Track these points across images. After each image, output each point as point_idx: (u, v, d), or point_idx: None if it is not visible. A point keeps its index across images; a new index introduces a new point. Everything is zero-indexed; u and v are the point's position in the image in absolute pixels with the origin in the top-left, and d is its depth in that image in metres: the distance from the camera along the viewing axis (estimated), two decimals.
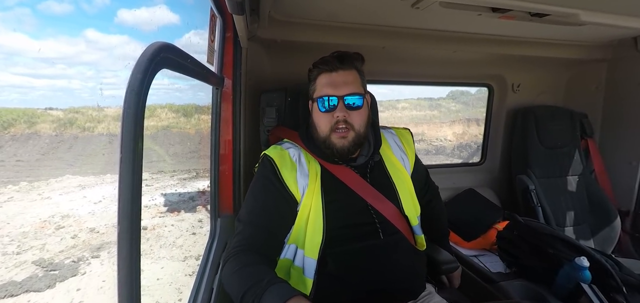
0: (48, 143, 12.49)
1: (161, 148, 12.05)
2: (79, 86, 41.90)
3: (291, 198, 1.05)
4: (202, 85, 1.12)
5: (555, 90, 2.42)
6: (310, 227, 1.04)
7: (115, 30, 59.50)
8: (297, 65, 1.77)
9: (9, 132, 13.09)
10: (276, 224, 1.04)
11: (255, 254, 0.96)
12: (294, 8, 1.42)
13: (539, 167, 2.15)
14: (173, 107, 14.93)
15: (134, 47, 52.33)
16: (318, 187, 1.07)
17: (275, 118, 1.45)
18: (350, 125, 1.06)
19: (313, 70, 1.13)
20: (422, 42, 1.73)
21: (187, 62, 0.76)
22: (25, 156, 11.54)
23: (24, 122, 13.71)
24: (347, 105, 1.06)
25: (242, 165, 1.52)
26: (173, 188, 8.03)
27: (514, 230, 1.59)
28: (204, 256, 1.26)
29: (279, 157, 1.08)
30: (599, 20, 1.38)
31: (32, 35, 52.42)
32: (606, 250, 2.01)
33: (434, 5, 1.27)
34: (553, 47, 1.96)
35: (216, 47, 1.32)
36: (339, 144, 1.07)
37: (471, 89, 19.47)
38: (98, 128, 13.68)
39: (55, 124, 13.68)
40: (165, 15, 66.06)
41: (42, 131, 13.26)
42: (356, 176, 1.12)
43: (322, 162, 1.12)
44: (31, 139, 12.77)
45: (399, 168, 1.20)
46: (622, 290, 1.19)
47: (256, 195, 1.07)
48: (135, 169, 0.50)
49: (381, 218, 1.10)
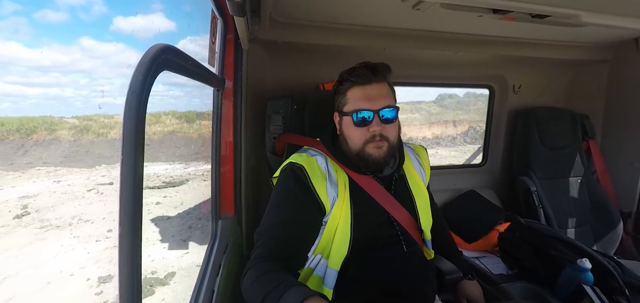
0: (67, 147, 13.59)
1: (168, 150, 13.31)
2: (72, 94, 41.88)
3: (321, 208, 1.03)
4: (196, 92, 1.12)
5: (557, 91, 2.41)
6: (337, 238, 1.03)
7: (111, 38, 59.58)
8: (299, 67, 1.78)
9: (31, 137, 14.05)
10: (301, 239, 1.02)
11: (275, 263, 0.94)
12: (295, 9, 1.42)
13: (541, 168, 2.15)
14: (176, 114, 15.95)
15: (130, 54, 52.47)
16: (347, 198, 1.06)
17: (282, 125, 1.45)
18: (385, 138, 1.05)
19: (343, 82, 1.10)
20: (423, 43, 1.73)
21: (188, 63, 0.76)
22: (50, 159, 12.48)
23: (44, 128, 14.57)
24: (383, 118, 1.05)
25: (243, 167, 1.52)
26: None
27: (516, 231, 1.58)
28: (204, 258, 1.26)
29: (308, 165, 1.06)
30: (600, 21, 1.38)
31: (27, 44, 52.51)
32: (608, 251, 2.01)
33: (435, 6, 1.27)
34: (554, 48, 1.96)
35: (217, 48, 1.32)
36: (375, 154, 1.05)
37: (459, 92, 20.44)
38: (111, 133, 14.73)
39: (73, 130, 14.71)
40: (161, 22, 66.08)
41: (62, 137, 14.25)
42: (381, 188, 1.11)
43: (349, 172, 1.10)
44: (53, 144, 13.80)
45: (418, 182, 1.21)
46: (624, 292, 1.18)
47: (281, 209, 1.03)
48: (137, 171, 0.50)
49: (402, 230, 1.11)
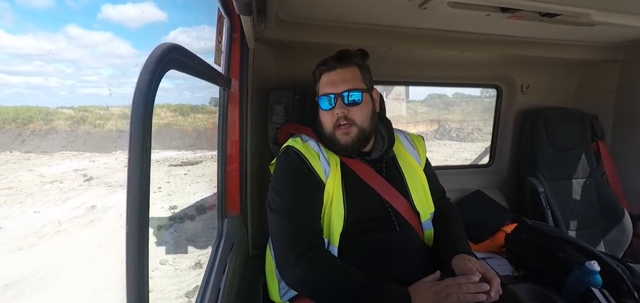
0: (65, 137, 14.05)
1: (164, 141, 13.77)
2: (56, 84, 41.55)
3: (320, 183, 1.09)
4: (186, 84, 1.15)
5: (565, 91, 2.38)
6: (334, 212, 1.07)
7: (99, 27, 59.38)
8: (304, 66, 1.77)
9: (28, 127, 14.41)
10: (317, 211, 1.08)
11: (328, 255, 1.03)
12: (301, 9, 1.42)
13: (548, 169, 2.12)
14: (171, 107, 16.11)
15: (118, 44, 52.28)
16: (339, 175, 1.11)
17: (284, 115, 1.47)
18: (350, 120, 1.09)
19: (316, 71, 1.19)
20: (429, 43, 1.72)
21: (195, 63, 0.76)
22: (48, 148, 13.06)
23: (41, 119, 14.86)
24: (346, 101, 1.09)
25: (249, 166, 1.52)
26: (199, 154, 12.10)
27: (523, 232, 1.57)
28: (211, 256, 1.26)
29: (303, 148, 1.12)
30: (611, 20, 1.36)
31: (9, 31, 52.36)
32: (617, 254, 1.98)
33: (441, 5, 1.26)
34: (563, 47, 1.93)
35: (223, 48, 1.32)
36: (343, 140, 1.11)
37: (448, 93, 21.53)
38: (108, 125, 15.10)
39: (69, 121, 15.05)
40: (152, 12, 66.10)
41: (59, 127, 14.63)
42: (371, 170, 1.14)
43: (338, 155, 1.15)
44: (50, 134, 14.20)
45: (411, 164, 1.23)
46: (633, 295, 1.17)
47: (292, 185, 1.08)
48: (144, 169, 0.50)
49: (395, 213, 1.12)
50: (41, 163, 10.66)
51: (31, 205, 6.90)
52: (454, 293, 0.92)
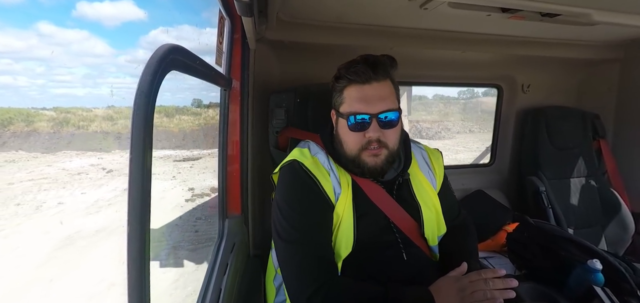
0: (47, 139, 14.35)
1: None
2: (26, 83, 40.37)
3: (330, 204, 0.99)
4: (168, 85, 1.14)
5: (566, 90, 2.38)
6: (342, 236, 0.99)
7: (73, 24, 58.25)
8: (306, 66, 1.78)
9: (9, 129, 14.61)
10: (329, 235, 1.00)
11: (344, 282, 0.95)
12: (302, 10, 1.42)
13: (550, 168, 2.12)
14: (155, 108, 16.25)
15: (94, 43, 51.44)
16: (350, 197, 1.01)
17: (285, 119, 1.46)
18: (383, 143, 0.97)
19: (340, 79, 1.01)
20: (430, 43, 1.72)
21: (196, 64, 0.76)
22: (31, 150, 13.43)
23: (21, 120, 15.00)
24: (382, 123, 0.96)
25: (250, 167, 1.52)
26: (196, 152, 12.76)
27: (524, 231, 1.56)
28: (211, 257, 1.26)
29: (312, 165, 1.01)
30: (611, 19, 1.35)
31: None
32: (619, 252, 1.98)
33: (442, 6, 1.26)
34: (564, 47, 1.93)
35: (224, 48, 1.33)
36: (371, 162, 0.99)
37: (428, 94, 21.94)
38: (92, 126, 15.49)
39: (52, 122, 15.34)
40: (130, 10, 65.29)
41: (41, 129, 14.87)
42: (382, 191, 1.05)
43: (350, 173, 1.05)
44: (31, 136, 14.46)
45: (425, 188, 1.13)
46: (636, 294, 1.16)
47: (301, 209, 0.98)
48: (145, 170, 0.50)
49: (403, 237, 1.06)
50: (53, 161, 11.31)
51: (74, 190, 8.30)
52: (480, 290, 0.86)
